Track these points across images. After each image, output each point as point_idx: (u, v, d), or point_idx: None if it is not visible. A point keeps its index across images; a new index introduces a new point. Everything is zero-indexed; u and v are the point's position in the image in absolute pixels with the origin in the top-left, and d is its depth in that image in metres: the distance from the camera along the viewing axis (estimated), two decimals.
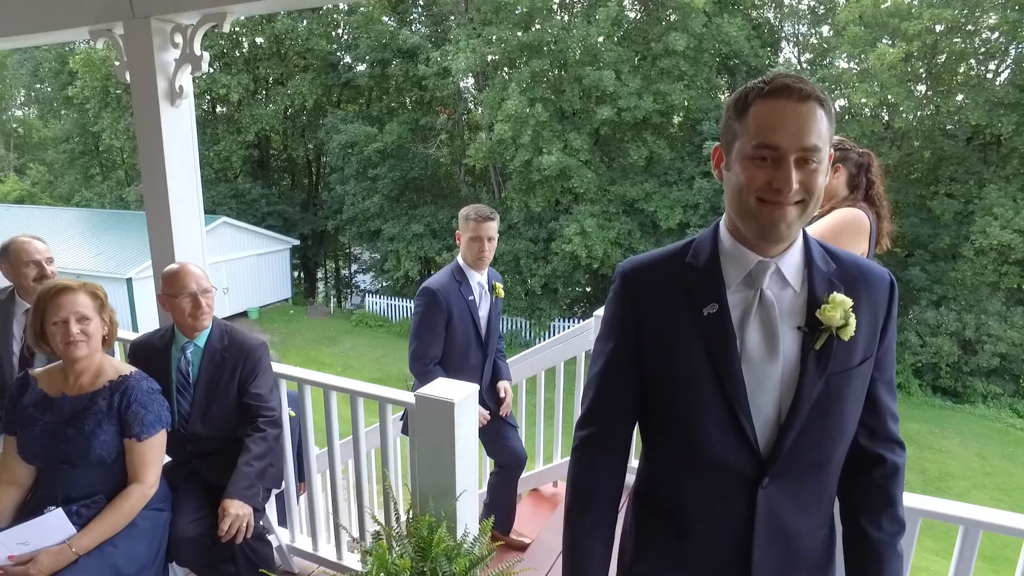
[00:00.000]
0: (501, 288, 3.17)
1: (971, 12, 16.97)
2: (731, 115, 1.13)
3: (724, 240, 1.19)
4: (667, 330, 1.18)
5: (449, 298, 2.93)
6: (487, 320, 3.11)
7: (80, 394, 2.07)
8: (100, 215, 25.39)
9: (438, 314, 2.91)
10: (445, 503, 2.18)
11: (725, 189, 1.16)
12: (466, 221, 2.98)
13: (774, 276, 1.15)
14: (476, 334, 3.05)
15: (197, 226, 2.78)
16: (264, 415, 2.35)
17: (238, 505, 2.13)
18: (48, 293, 2.07)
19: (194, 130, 2.72)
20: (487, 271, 3.13)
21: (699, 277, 1.17)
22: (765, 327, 1.14)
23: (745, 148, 1.08)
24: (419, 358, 2.91)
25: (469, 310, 3.00)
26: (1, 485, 2.04)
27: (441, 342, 2.93)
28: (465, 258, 3.03)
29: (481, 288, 3.09)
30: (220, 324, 2.46)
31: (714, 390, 1.13)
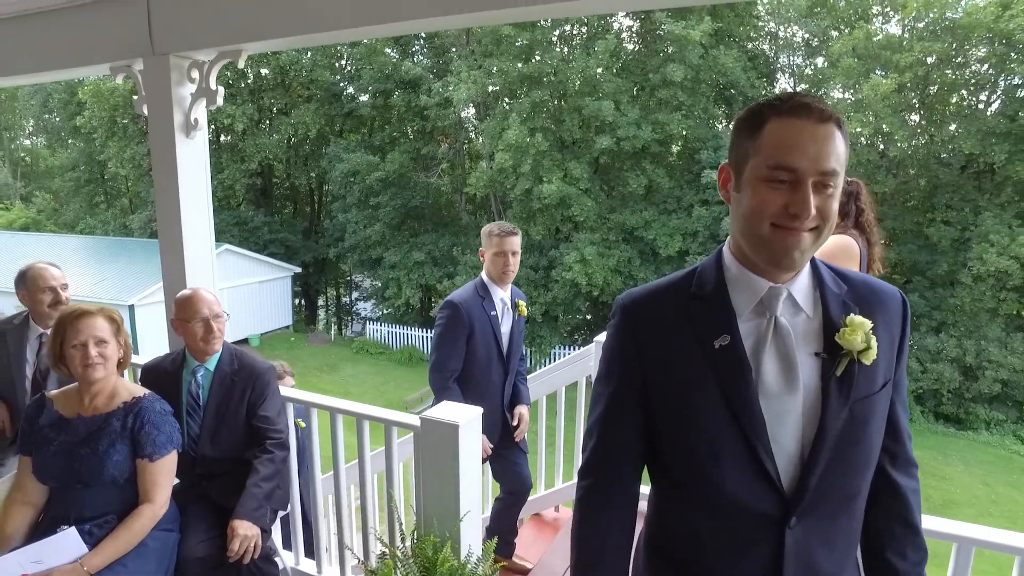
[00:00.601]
0: (524, 306, 3.16)
1: (960, 45, 17.36)
2: (742, 132, 1.06)
3: (730, 267, 1.12)
4: (676, 366, 1.10)
5: (471, 312, 2.94)
6: (509, 337, 3.10)
7: (95, 415, 2.13)
8: (103, 242, 25.61)
9: (459, 327, 2.91)
10: (449, 524, 2.22)
11: (733, 211, 1.09)
12: (489, 237, 2.99)
13: (786, 302, 1.09)
14: (498, 350, 3.04)
15: (208, 253, 2.86)
16: (272, 437, 2.40)
17: (247, 526, 2.17)
18: (68, 317, 2.14)
19: (207, 161, 2.82)
20: (511, 289, 3.13)
21: (707, 307, 1.10)
22: (782, 356, 1.07)
23: (759, 169, 1.02)
24: (438, 370, 2.92)
25: (491, 325, 3.00)
26: (15, 505, 2.08)
27: (461, 355, 2.94)
28: (490, 274, 3.04)
29: (504, 305, 3.09)
30: (230, 348, 2.52)
31: (731, 428, 1.05)
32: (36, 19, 2.82)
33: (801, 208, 0.98)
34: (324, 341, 23.56)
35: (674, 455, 1.13)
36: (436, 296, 23.80)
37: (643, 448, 1.17)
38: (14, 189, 35.92)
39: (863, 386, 1.07)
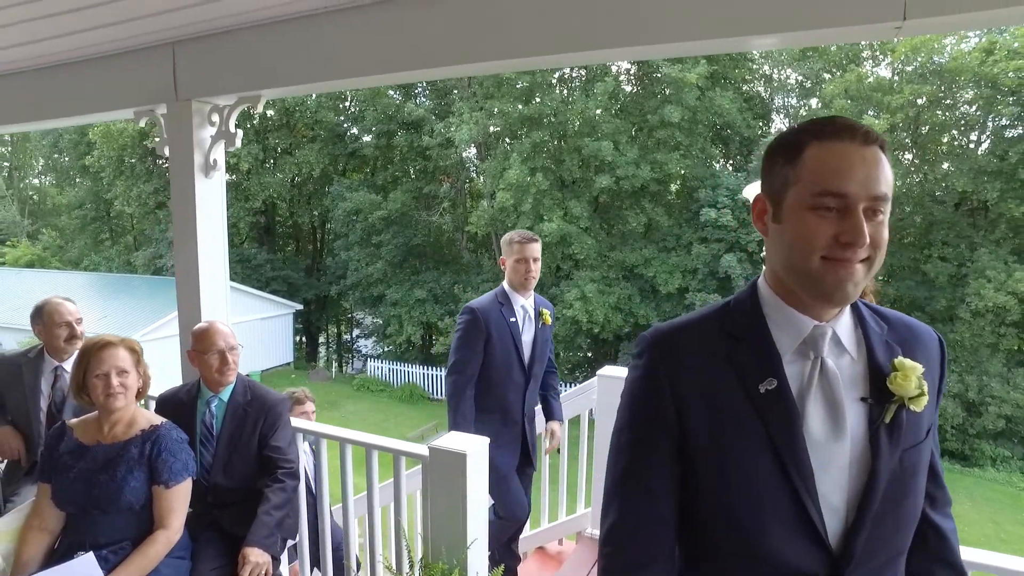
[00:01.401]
0: (549, 315, 3.16)
1: (948, 88, 17.83)
2: (779, 160, 0.99)
3: (768, 303, 1.04)
4: (716, 413, 1.00)
5: (489, 318, 2.96)
6: (531, 345, 3.09)
7: (114, 442, 2.19)
8: (108, 279, 25.82)
9: (477, 332, 2.94)
10: (457, 552, 2.26)
11: (773, 244, 1.02)
12: (510, 245, 3.04)
13: (831, 342, 1.01)
14: (518, 358, 3.04)
15: (223, 288, 2.96)
16: (283, 467, 2.45)
17: (258, 553, 2.21)
18: (92, 348, 2.22)
19: (224, 199, 2.94)
20: (535, 297, 3.14)
21: (747, 347, 1.01)
22: (828, 402, 0.99)
23: (803, 197, 0.94)
24: (455, 372, 2.96)
25: (510, 331, 3.00)
26: (32, 531, 2.13)
27: (478, 361, 2.96)
28: (511, 282, 3.06)
29: (525, 312, 3.09)
30: (243, 380, 2.59)
31: (778, 480, 0.96)
32: (67, 68, 2.99)
33: (855, 236, 0.91)
34: (325, 378, 23.51)
35: (710, 513, 1.01)
36: (437, 334, 23.86)
37: (676, 509, 1.04)
38: (21, 227, 36.34)
39: (911, 434, 1.00)
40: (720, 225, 18.59)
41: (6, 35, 2.70)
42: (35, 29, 2.67)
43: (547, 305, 3.20)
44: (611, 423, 3.02)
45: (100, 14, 2.53)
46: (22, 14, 2.54)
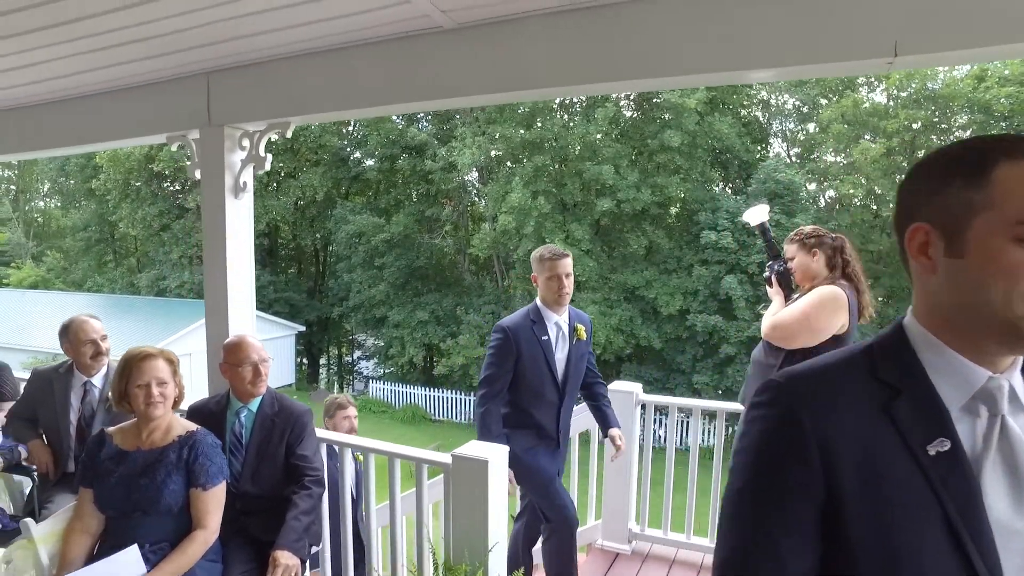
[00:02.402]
0: (583, 330, 3.11)
1: (942, 113, 18.17)
2: (955, 181, 0.82)
3: (925, 349, 0.86)
4: (877, 476, 0.80)
5: (519, 337, 2.95)
6: (565, 363, 3.05)
7: (152, 448, 2.30)
8: (112, 300, 25.97)
9: (507, 352, 2.94)
10: (479, 555, 2.36)
11: (946, 282, 0.84)
12: (541, 262, 3.01)
13: (1009, 396, 0.83)
14: (551, 376, 3.01)
15: (249, 303, 3.09)
16: (310, 475, 2.55)
17: (288, 556, 2.30)
18: (134, 359, 2.34)
19: (252, 219, 3.08)
20: (569, 312, 3.10)
21: (908, 401, 0.83)
22: (1010, 469, 0.81)
23: (1000, 225, 0.78)
24: (483, 386, 2.98)
25: (542, 350, 2.98)
26: (75, 534, 2.23)
27: (507, 378, 2.96)
28: (544, 299, 3.03)
29: (559, 329, 3.05)
30: (271, 391, 2.71)
31: (954, 562, 0.77)
32: (107, 96, 3.14)
33: None
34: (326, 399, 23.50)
35: None
36: (439, 355, 23.90)
37: None
38: (26, 248, 36.56)
39: None
40: (720, 247, 18.77)
41: (52, 69, 2.87)
42: (78, 64, 2.84)
43: (583, 319, 3.16)
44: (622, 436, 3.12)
45: (140, 49, 2.69)
46: (67, 50, 2.70)
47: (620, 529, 3.71)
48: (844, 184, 19.25)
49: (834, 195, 21.13)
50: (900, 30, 1.70)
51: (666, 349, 19.79)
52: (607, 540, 3.75)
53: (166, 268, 27.71)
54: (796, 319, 2.78)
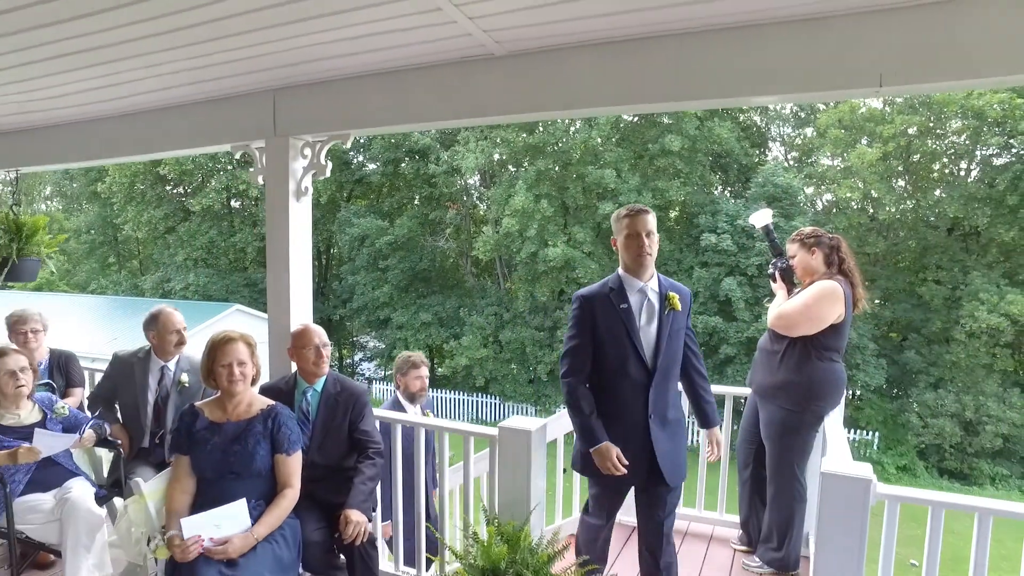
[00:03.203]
0: (677, 299, 2.67)
1: (937, 118, 18.58)
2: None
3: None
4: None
5: (595, 306, 2.63)
6: (655, 336, 2.63)
7: (239, 420, 2.63)
8: (116, 302, 26.21)
9: (584, 322, 2.64)
10: (522, 515, 2.70)
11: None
12: (618, 220, 2.70)
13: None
14: (634, 350, 2.60)
15: (307, 294, 3.43)
16: (373, 447, 2.90)
17: (358, 514, 2.64)
18: (218, 343, 2.68)
19: (310, 220, 3.42)
20: (660, 280, 2.71)
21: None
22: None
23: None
24: (563, 361, 2.69)
25: (621, 320, 2.60)
26: (176, 493, 2.56)
27: (587, 355, 2.64)
28: (624, 262, 2.68)
29: (644, 298, 2.64)
30: (333, 373, 3.05)
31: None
32: (180, 108, 3.49)
33: None
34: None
35: None
36: (442, 356, 24.23)
37: None
38: None
39: None
40: (720, 250, 19.15)
41: (139, 86, 3.21)
42: (159, 82, 3.19)
43: (679, 289, 2.73)
44: None
45: (215, 71, 3.04)
46: (151, 72, 3.05)
47: None
48: (841, 188, 19.67)
49: (831, 198, 21.55)
50: (885, 65, 2.06)
51: None
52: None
53: (171, 270, 28.00)
54: (798, 310, 3.15)
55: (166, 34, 2.58)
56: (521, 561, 2.41)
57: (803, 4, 2.10)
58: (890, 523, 2.42)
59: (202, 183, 27.30)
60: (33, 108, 3.75)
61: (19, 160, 4.37)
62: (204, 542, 2.32)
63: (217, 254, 27.71)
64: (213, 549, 2.32)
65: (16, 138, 4.30)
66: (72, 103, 3.60)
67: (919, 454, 17.53)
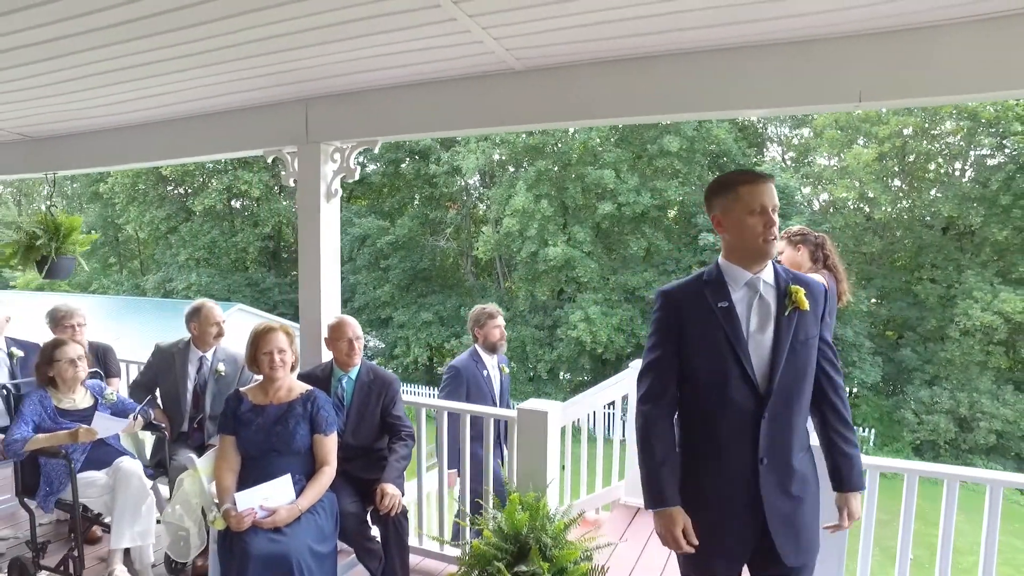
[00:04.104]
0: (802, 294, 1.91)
1: (931, 119, 18.89)
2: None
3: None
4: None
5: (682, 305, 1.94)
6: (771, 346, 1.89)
7: (280, 403, 2.89)
8: (119, 301, 26.40)
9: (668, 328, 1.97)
10: (539, 488, 2.96)
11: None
12: (729, 190, 1.92)
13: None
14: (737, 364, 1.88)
15: (336, 288, 3.68)
16: (405, 430, 3.17)
17: (393, 488, 2.91)
18: (261, 332, 2.94)
19: (339, 219, 3.68)
20: (778, 271, 1.96)
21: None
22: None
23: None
24: (641, 380, 2.03)
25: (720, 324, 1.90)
26: (224, 471, 2.81)
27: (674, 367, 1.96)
28: (734, 247, 1.94)
29: (753, 293, 1.92)
30: (366, 362, 3.31)
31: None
32: (218, 116, 3.75)
33: None
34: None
35: None
36: (443, 356, 24.49)
37: None
38: None
39: None
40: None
41: (178, 96, 3.46)
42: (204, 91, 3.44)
43: (805, 281, 1.96)
44: None
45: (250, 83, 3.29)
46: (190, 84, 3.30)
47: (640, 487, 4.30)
48: (838, 188, 19.97)
49: (828, 198, 21.84)
50: (863, 83, 2.33)
51: None
52: (629, 497, 4.35)
53: (173, 270, 28.22)
54: None
55: (213, 51, 2.83)
56: (540, 527, 2.67)
57: (791, 29, 2.37)
58: (871, 491, 2.69)
59: (203, 184, 27.53)
60: (71, 116, 4.00)
61: (55, 164, 4.62)
62: (256, 512, 2.57)
63: (219, 254, 27.93)
64: (263, 520, 2.58)
65: (52, 143, 4.56)
66: (111, 112, 3.85)
67: (914, 450, 17.82)
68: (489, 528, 2.69)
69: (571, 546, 2.68)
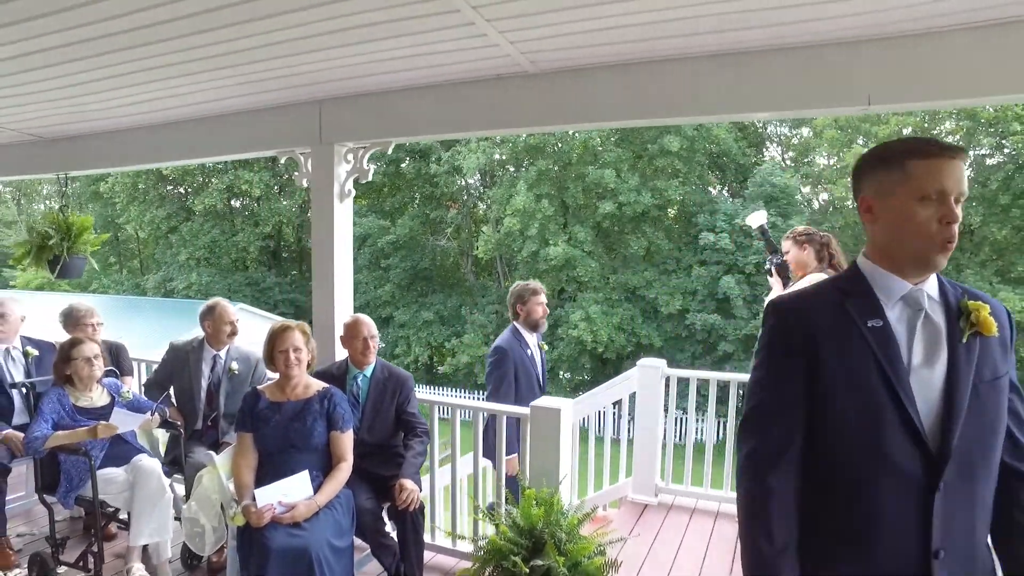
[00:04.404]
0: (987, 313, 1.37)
1: (931, 119, 18.97)
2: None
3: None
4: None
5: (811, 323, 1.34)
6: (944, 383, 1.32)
7: (298, 400, 2.94)
8: (120, 301, 26.41)
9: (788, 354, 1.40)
10: (552, 484, 3.01)
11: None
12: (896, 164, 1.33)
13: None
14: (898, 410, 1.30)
15: (349, 286, 3.73)
16: (420, 426, 3.22)
17: (412, 483, 2.96)
18: (277, 331, 2.98)
19: (351, 219, 3.73)
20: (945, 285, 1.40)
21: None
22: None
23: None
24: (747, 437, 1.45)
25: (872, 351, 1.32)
26: (242, 468, 2.86)
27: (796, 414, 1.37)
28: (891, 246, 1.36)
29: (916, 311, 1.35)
30: (380, 361, 3.35)
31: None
32: (233, 116, 3.79)
33: None
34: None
35: None
36: (444, 355, 24.54)
37: None
38: None
39: None
40: (719, 248, 19.50)
41: (192, 98, 3.51)
42: (214, 94, 3.48)
43: (985, 299, 1.39)
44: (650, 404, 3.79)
45: (265, 84, 3.33)
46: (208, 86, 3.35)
47: (648, 484, 4.36)
48: (837, 187, 20.05)
49: (827, 198, 21.93)
50: (872, 87, 2.38)
51: (666, 347, 20.46)
52: (636, 494, 4.40)
53: (173, 270, 28.25)
54: None
55: (226, 55, 2.88)
56: (555, 522, 2.72)
57: (802, 34, 2.42)
58: None
59: (204, 183, 27.55)
60: (84, 117, 4.04)
61: (67, 164, 4.66)
62: (276, 508, 2.62)
63: (219, 254, 27.94)
64: (282, 515, 2.62)
65: (65, 144, 4.60)
66: (124, 113, 3.89)
67: None
68: (504, 523, 2.74)
69: (585, 540, 2.73)
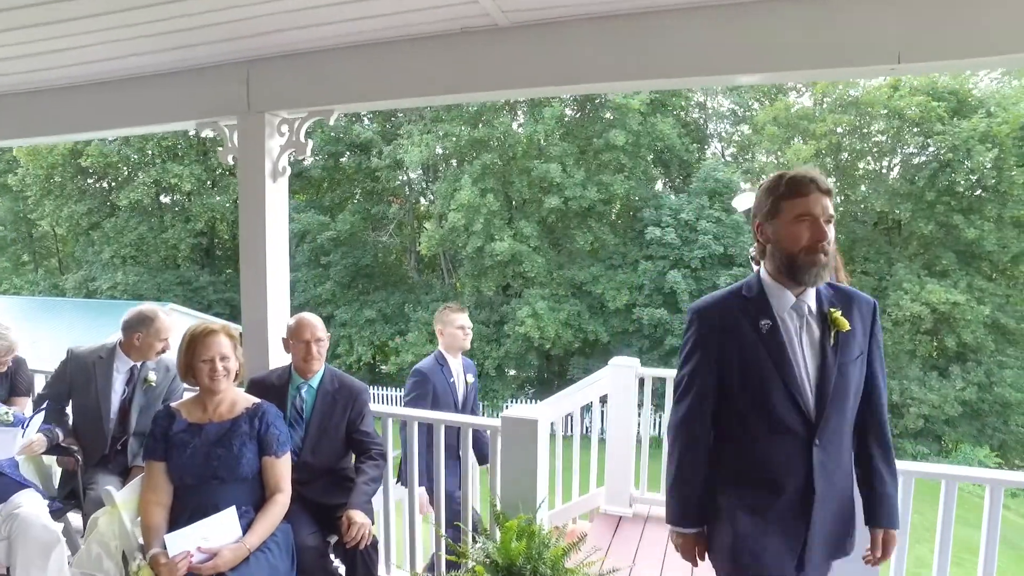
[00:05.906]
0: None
1: (863, 118, 19.61)
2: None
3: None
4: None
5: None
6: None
7: (222, 420, 2.41)
8: (35, 303, 24.40)
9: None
10: (530, 509, 2.59)
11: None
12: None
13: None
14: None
15: (285, 283, 3.20)
16: (375, 447, 2.74)
17: (362, 515, 2.47)
18: (198, 335, 2.44)
19: (287, 202, 3.19)
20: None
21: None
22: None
23: None
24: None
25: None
26: (151, 505, 2.31)
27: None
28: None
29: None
30: (331, 369, 2.85)
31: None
32: (134, 81, 3.17)
33: None
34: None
35: None
36: (387, 354, 23.78)
37: None
38: None
39: None
40: (665, 243, 19.57)
41: (89, 53, 2.89)
42: (114, 49, 2.89)
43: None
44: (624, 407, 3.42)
45: (178, 38, 2.78)
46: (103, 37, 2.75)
47: (622, 494, 4.01)
48: None
49: None
50: (902, 43, 2.06)
51: (613, 342, 20.42)
52: (610, 505, 4.04)
53: (96, 269, 26.33)
54: None
55: None
56: (537, 556, 2.31)
57: None
58: None
59: (129, 176, 25.78)
60: None
61: None
62: (194, 557, 2.09)
63: (147, 251, 26.23)
64: (202, 565, 2.10)
65: None
66: (7, 70, 3.22)
67: None
68: (477, 560, 2.31)
69: (571, 574, 2.33)
